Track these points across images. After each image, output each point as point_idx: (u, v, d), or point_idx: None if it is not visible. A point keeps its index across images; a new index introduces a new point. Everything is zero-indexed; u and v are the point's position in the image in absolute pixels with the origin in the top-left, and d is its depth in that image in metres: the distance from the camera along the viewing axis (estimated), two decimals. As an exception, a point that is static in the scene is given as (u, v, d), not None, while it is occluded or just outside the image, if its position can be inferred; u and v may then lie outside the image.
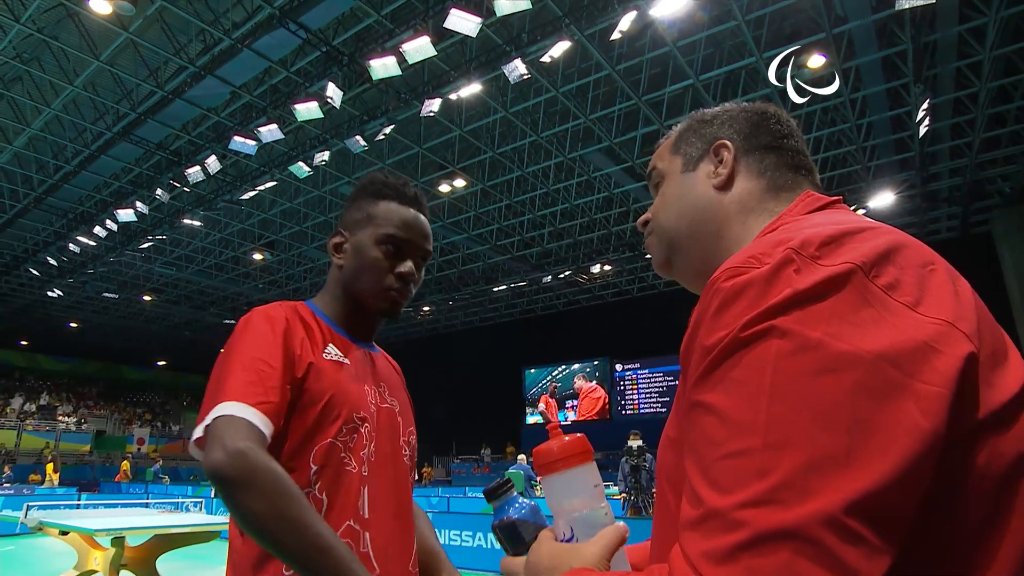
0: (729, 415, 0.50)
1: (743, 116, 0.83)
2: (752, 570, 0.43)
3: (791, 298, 0.51)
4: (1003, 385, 0.51)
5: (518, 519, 0.75)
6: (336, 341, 1.23)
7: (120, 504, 12.09)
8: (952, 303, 0.54)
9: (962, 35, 10.56)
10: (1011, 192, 15.38)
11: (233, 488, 0.92)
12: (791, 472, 0.45)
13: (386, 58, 9.75)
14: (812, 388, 0.47)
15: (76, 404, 32.93)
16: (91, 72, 11.69)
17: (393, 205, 1.29)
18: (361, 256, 1.25)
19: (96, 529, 4.97)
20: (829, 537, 0.43)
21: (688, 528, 0.49)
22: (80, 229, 17.33)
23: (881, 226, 0.60)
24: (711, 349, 0.53)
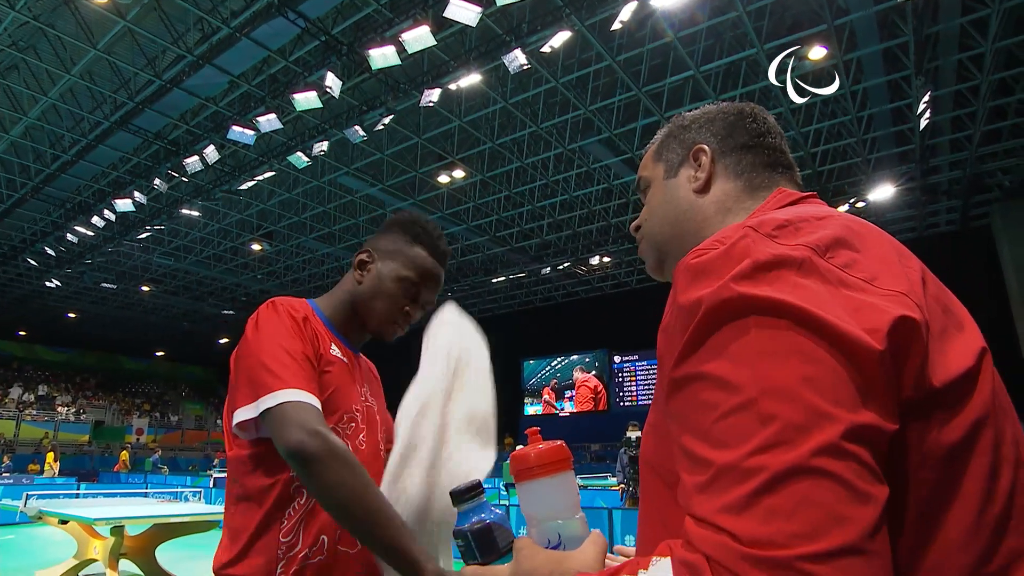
0: (721, 377, 0.52)
1: (720, 118, 0.86)
2: (773, 510, 0.45)
3: (752, 266, 0.55)
4: (956, 357, 0.55)
5: (495, 524, 0.72)
6: (335, 342, 1.36)
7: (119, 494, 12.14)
8: (904, 280, 0.58)
9: (964, 27, 10.51)
10: (1011, 186, 15.38)
11: (318, 464, 1.06)
12: (793, 413, 0.48)
13: (385, 48, 9.70)
14: (793, 342, 0.51)
15: (75, 394, 32.95)
16: (88, 61, 11.62)
17: (424, 254, 1.42)
18: (380, 284, 1.39)
19: (96, 518, 5.00)
20: (837, 465, 0.46)
21: (696, 494, 0.50)
22: (78, 219, 17.28)
23: (838, 215, 0.64)
24: (686, 322, 0.56)
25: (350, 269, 1.46)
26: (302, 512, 1.18)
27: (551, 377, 28.72)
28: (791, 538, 0.44)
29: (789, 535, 0.44)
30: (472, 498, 0.74)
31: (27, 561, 7.87)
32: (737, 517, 0.46)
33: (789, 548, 0.43)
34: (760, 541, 0.44)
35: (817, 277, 0.54)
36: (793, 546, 0.43)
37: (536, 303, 27.45)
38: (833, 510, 0.44)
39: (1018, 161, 14.19)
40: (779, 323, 0.51)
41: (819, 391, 0.48)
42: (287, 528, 1.17)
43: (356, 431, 1.29)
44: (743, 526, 0.45)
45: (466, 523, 0.72)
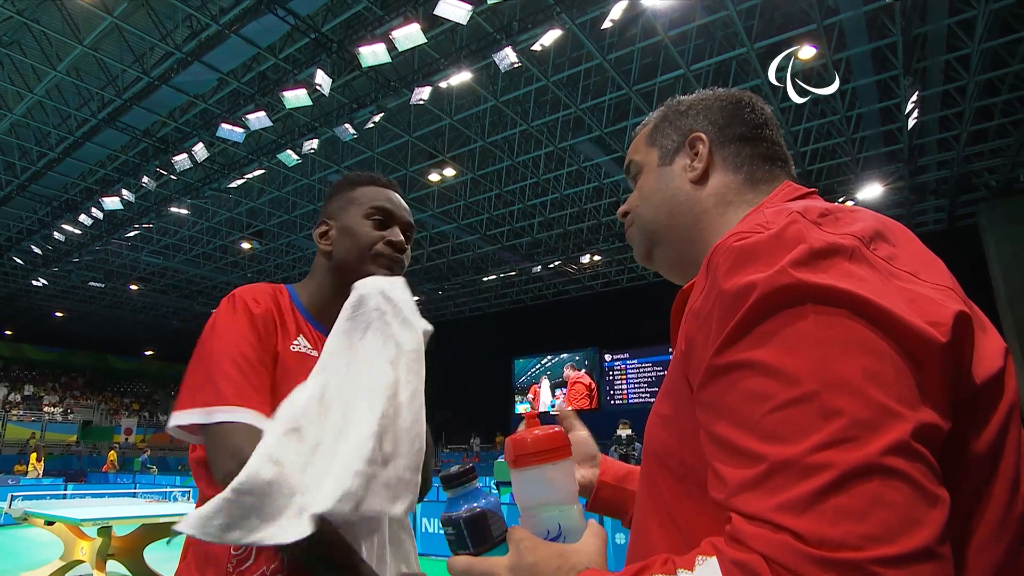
0: (776, 366, 0.49)
1: (718, 106, 0.83)
2: (842, 510, 0.43)
3: (809, 253, 0.52)
4: (989, 356, 0.54)
5: (489, 511, 0.66)
6: (306, 332, 1.25)
7: (107, 494, 12.05)
8: (945, 275, 0.57)
9: (951, 28, 10.60)
10: (997, 185, 15.52)
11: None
12: (859, 408, 0.46)
13: (375, 45, 9.66)
14: (854, 333, 0.49)
15: (62, 394, 32.66)
16: (75, 57, 11.50)
17: (372, 187, 1.35)
18: (350, 233, 1.29)
19: (82, 519, 4.94)
20: (908, 465, 0.44)
21: (744, 490, 0.47)
22: (65, 217, 17.12)
23: (864, 210, 0.63)
24: (735, 306, 0.53)
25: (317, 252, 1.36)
26: None
27: (541, 375, 28.74)
28: (863, 540, 0.42)
29: (861, 537, 0.42)
30: (464, 483, 0.68)
31: (12, 563, 7.80)
32: (801, 516, 0.44)
33: (862, 550, 0.41)
34: (829, 542, 0.42)
35: (868, 266, 0.53)
36: (866, 548, 0.41)
37: (527, 302, 27.46)
38: (906, 512, 0.43)
39: (1004, 160, 14.32)
40: (839, 312, 0.49)
41: (884, 386, 0.46)
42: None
43: None
44: (808, 526, 0.43)
45: (457, 510, 0.66)
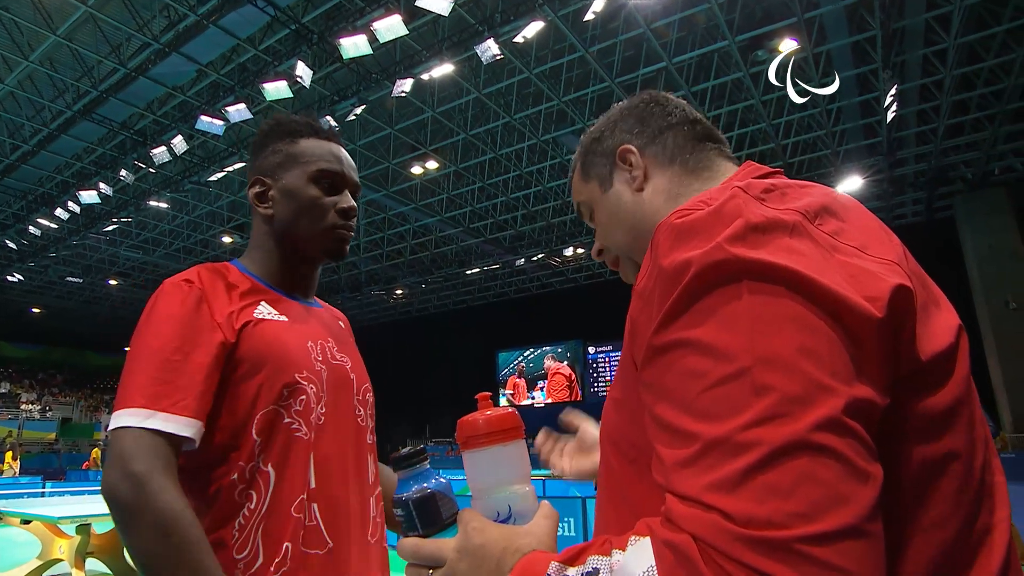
0: (711, 344, 0.48)
1: (626, 114, 0.84)
2: (771, 487, 0.42)
3: (745, 227, 0.51)
4: (938, 332, 0.53)
5: (438, 492, 0.65)
6: (269, 299, 1.13)
7: (87, 492, 11.88)
8: (892, 250, 0.56)
9: (929, 22, 10.73)
10: (973, 178, 15.77)
11: (122, 516, 0.87)
12: (790, 384, 0.45)
13: (356, 37, 9.58)
14: (789, 309, 0.48)
15: (40, 391, 32.17)
16: (48, 47, 11.28)
17: (314, 141, 1.20)
18: (295, 198, 1.16)
19: (60, 516, 4.87)
20: (838, 441, 0.43)
21: (679, 469, 0.47)
22: (41, 211, 16.82)
23: (817, 185, 0.61)
24: (672, 284, 0.52)
25: (253, 215, 1.22)
26: (255, 519, 0.98)
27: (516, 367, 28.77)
28: (790, 518, 0.41)
29: (788, 515, 0.41)
30: (414, 464, 0.67)
31: (-10, 562, 7.67)
32: (729, 495, 0.43)
33: (788, 528, 0.41)
34: (756, 521, 0.41)
35: (810, 241, 0.52)
36: (792, 526, 0.41)
37: (510, 294, 27.49)
38: (834, 489, 0.42)
39: (979, 154, 14.55)
40: (775, 289, 0.48)
41: (817, 362, 0.45)
42: (239, 543, 0.97)
43: (309, 404, 1.06)
44: (736, 505, 0.42)
45: (407, 491, 0.65)
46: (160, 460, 0.90)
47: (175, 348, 0.97)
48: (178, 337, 0.98)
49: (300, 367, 1.07)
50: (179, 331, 0.99)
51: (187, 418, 0.93)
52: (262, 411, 1.02)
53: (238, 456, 1.00)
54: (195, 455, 0.98)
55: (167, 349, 0.97)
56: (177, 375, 0.95)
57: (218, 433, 1.00)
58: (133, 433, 0.90)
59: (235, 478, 0.99)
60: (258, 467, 1.00)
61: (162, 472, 0.89)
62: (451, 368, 28.42)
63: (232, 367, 1.02)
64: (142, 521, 0.86)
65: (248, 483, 1.00)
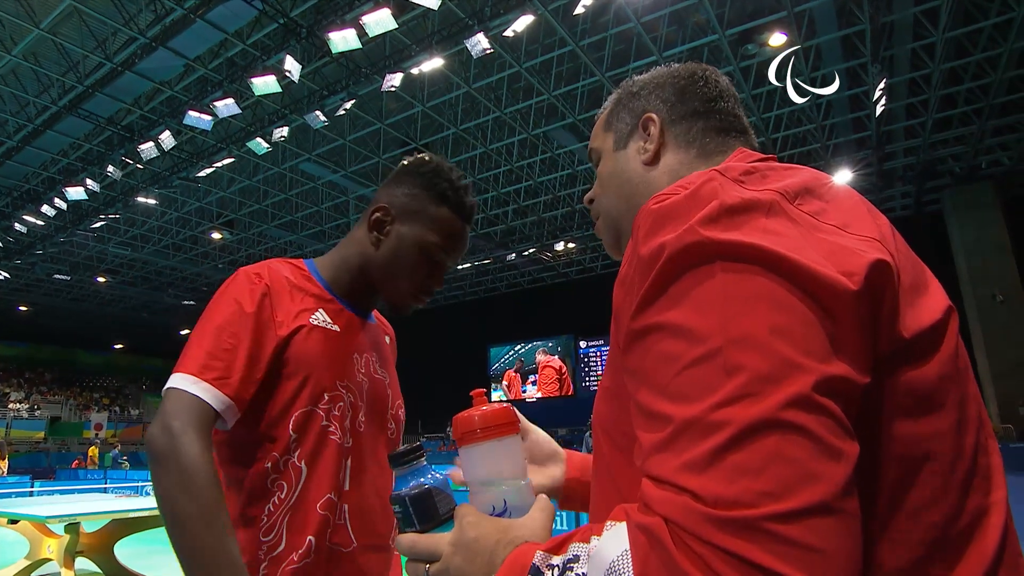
0: (683, 326, 0.48)
1: (670, 83, 0.81)
2: (740, 467, 0.42)
3: (720, 209, 0.51)
4: (925, 311, 0.53)
5: (435, 488, 0.66)
6: (327, 307, 1.17)
7: (76, 490, 11.83)
8: (875, 228, 0.55)
9: (917, 16, 10.78)
10: (961, 172, 15.90)
11: (153, 463, 0.94)
12: (761, 363, 0.45)
13: (346, 31, 9.52)
14: (763, 288, 0.47)
15: (28, 390, 31.92)
16: (31, 41, 11.14)
17: (452, 216, 1.23)
18: (402, 252, 1.19)
19: (48, 516, 4.83)
20: (807, 419, 0.43)
21: (654, 452, 0.47)
22: (27, 208, 16.65)
23: (805, 168, 0.61)
24: (648, 269, 0.52)
25: (359, 224, 1.25)
26: (283, 509, 1.05)
27: (515, 361, 28.83)
28: (758, 497, 0.41)
29: (756, 494, 0.41)
30: (411, 461, 0.68)
31: (-21, 562, 7.61)
32: (699, 475, 0.43)
33: (756, 507, 0.40)
34: (725, 501, 0.41)
35: (787, 220, 0.52)
36: (760, 505, 0.40)
37: (502, 289, 27.51)
38: (803, 467, 0.41)
39: (966, 148, 14.67)
40: (748, 268, 0.48)
41: (789, 340, 0.45)
42: (267, 526, 1.04)
43: (344, 411, 1.12)
44: (706, 485, 0.42)
45: (404, 487, 0.66)
46: (196, 421, 0.97)
47: (231, 333, 1.04)
48: (236, 324, 1.05)
49: (342, 375, 1.14)
50: (238, 319, 1.06)
51: (224, 395, 1.00)
52: (300, 410, 1.08)
53: (273, 447, 1.06)
54: (240, 434, 1.07)
55: (224, 332, 1.04)
56: (228, 356, 1.03)
57: (261, 421, 1.07)
58: (179, 394, 0.98)
59: (269, 466, 1.06)
60: (291, 460, 1.07)
61: (195, 431, 0.96)
62: (443, 363, 28.42)
63: (279, 364, 1.08)
64: (167, 469, 0.93)
65: (280, 473, 1.07)
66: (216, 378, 1.00)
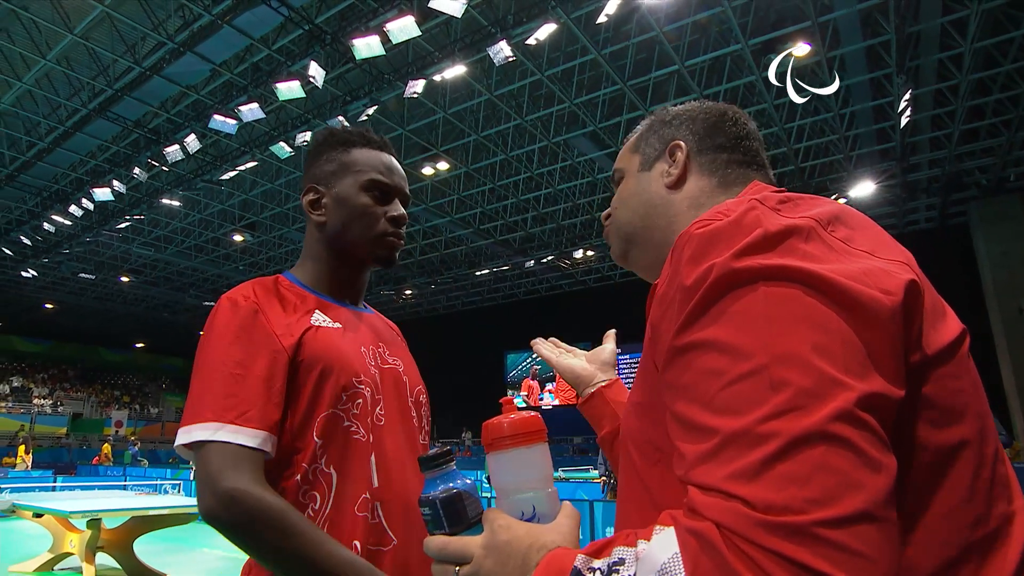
0: (729, 344, 0.51)
1: (702, 117, 0.86)
2: (788, 476, 0.44)
3: (764, 236, 0.55)
4: (944, 330, 0.57)
5: (464, 492, 0.67)
6: (321, 306, 1.16)
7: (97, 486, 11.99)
8: (901, 253, 0.60)
9: (944, 27, 10.63)
10: (988, 184, 15.63)
11: (234, 534, 0.90)
12: (805, 379, 0.47)
13: (369, 38, 9.61)
14: (805, 308, 0.51)
15: (52, 386, 32.48)
16: (65, 46, 11.38)
17: (366, 150, 1.24)
18: (348, 206, 1.20)
19: (71, 511, 4.92)
20: (851, 432, 0.45)
21: (700, 463, 0.49)
22: (55, 208, 16.97)
23: (828, 199, 0.65)
24: (693, 289, 0.55)
25: (307, 223, 1.26)
26: (320, 519, 1.01)
27: (530, 368, 28.78)
28: (807, 503, 0.43)
29: (805, 500, 0.43)
30: (441, 464, 0.69)
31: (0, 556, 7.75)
32: (749, 483, 0.45)
33: (805, 514, 0.43)
34: (775, 507, 0.44)
35: (823, 245, 0.55)
36: (809, 511, 0.43)
37: (520, 296, 27.49)
38: (848, 476, 0.44)
39: (995, 160, 14.41)
40: (790, 288, 0.51)
41: (830, 357, 0.48)
42: None
43: (366, 407, 1.09)
44: (756, 492, 0.45)
45: (433, 491, 0.67)
46: (244, 469, 0.93)
47: (236, 362, 1.00)
48: (238, 351, 1.01)
49: (356, 371, 1.11)
50: (238, 345, 1.02)
51: (253, 429, 0.96)
52: (322, 414, 1.05)
53: (301, 458, 1.03)
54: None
55: (228, 363, 1.00)
56: (240, 388, 0.98)
57: (282, 436, 1.03)
58: (210, 450, 0.93)
59: (298, 479, 1.02)
60: (320, 468, 1.04)
61: (249, 480, 0.92)
62: (460, 369, 28.45)
63: (293, 373, 1.05)
64: (255, 532, 0.89)
65: (311, 484, 1.03)
66: (237, 416, 0.96)
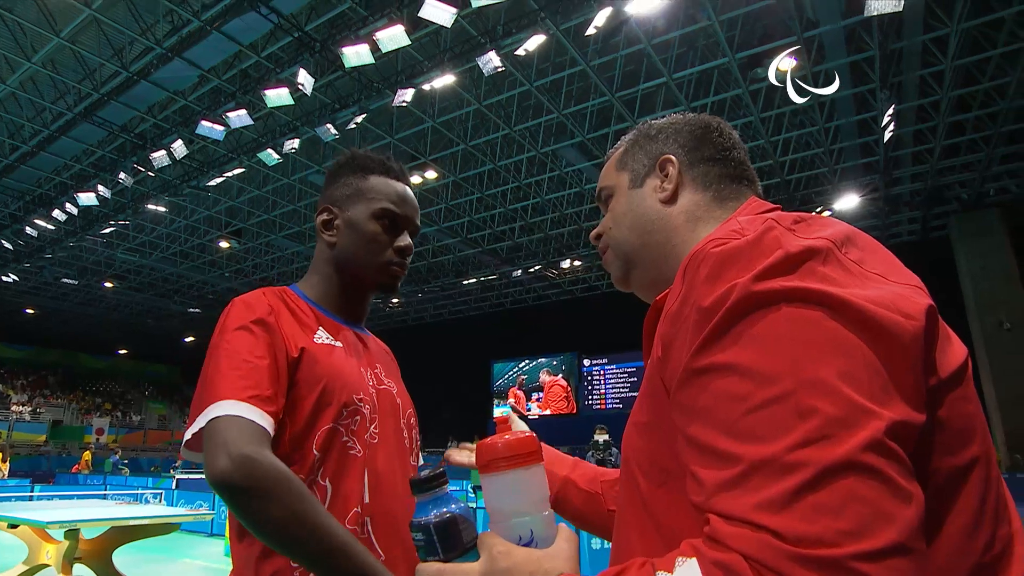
0: (752, 368, 0.50)
1: (687, 129, 0.85)
2: (819, 507, 0.43)
3: (786, 258, 0.54)
4: (952, 354, 0.56)
5: (459, 516, 0.64)
6: (325, 324, 1.19)
7: (76, 496, 11.79)
8: (913, 277, 0.59)
9: (926, 44, 10.83)
10: (968, 199, 15.88)
11: (245, 497, 0.89)
12: (833, 407, 0.46)
13: (359, 46, 9.62)
14: (829, 332, 0.49)
15: (32, 393, 31.97)
16: (50, 49, 11.30)
17: (383, 179, 1.27)
18: (357, 232, 1.23)
19: (48, 521, 4.82)
20: (881, 462, 0.44)
21: (722, 491, 0.48)
22: (38, 212, 16.79)
23: (834, 219, 0.64)
24: (712, 311, 0.54)
25: (318, 239, 1.30)
26: None
27: (517, 378, 28.74)
28: (840, 536, 0.42)
29: (838, 533, 0.42)
30: (434, 488, 0.66)
31: (-24, 565, 7.59)
32: (779, 514, 0.44)
33: (839, 547, 0.42)
34: (807, 539, 0.42)
35: (840, 267, 0.54)
36: (843, 544, 0.42)
37: (507, 305, 27.47)
38: (880, 507, 0.43)
39: (974, 175, 14.66)
40: (812, 312, 0.50)
41: (857, 385, 0.47)
42: None
43: (363, 424, 1.12)
44: (787, 524, 0.43)
45: (426, 515, 0.64)
46: (258, 438, 0.94)
47: (249, 351, 1.03)
48: (251, 343, 1.04)
49: (356, 389, 1.14)
50: (252, 338, 1.05)
51: (265, 412, 0.98)
52: (323, 428, 1.07)
53: (299, 470, 1.04)
54: None
55: (242, 352, 1.03)
56: (254, 374, 1.01)
57: (281, 446, 1.04)
58: (230, 420, 0.94)
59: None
60: (316, 480, 1.06)
61: (264, 446, 0.94)
62: (446, 378, 28.36)
63: (292, 385, 1.07)
64: (268, 493, 0.89)
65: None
66: (253, 396, 0.98)
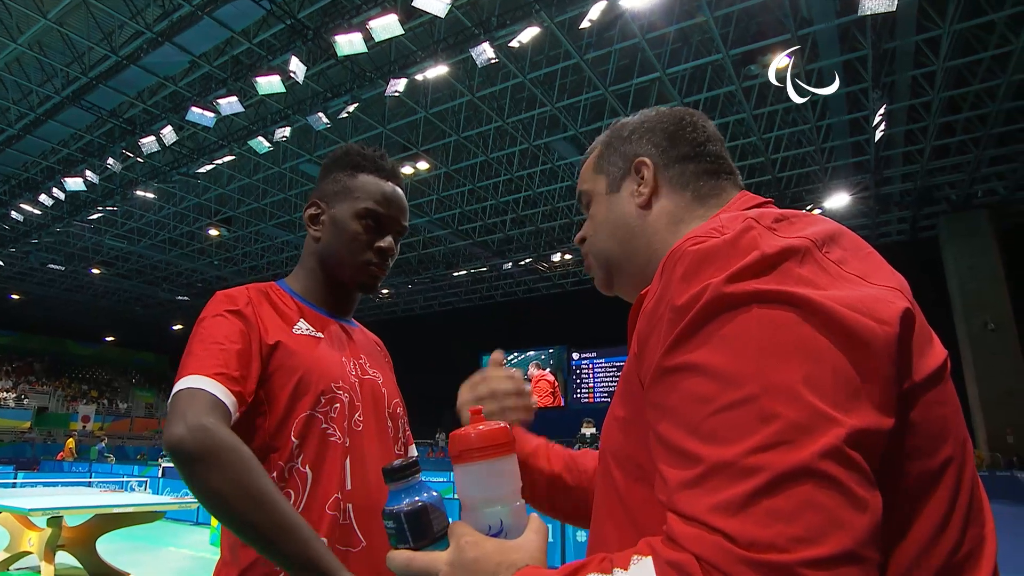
0: (719, 370, 0.49)
1: (660, 128, 0.83)
2: (773, 512, 0.43)
3: (761, 259, 0.53)
4: (931, 356, 0.55)
5: (430, 505, 0.65)
6: (307, 316, 1.21)
7: (61, 483, 11.73)
8: (894, 278, 0.58)
9: (919, 45, 10.89)
10: (957, 199, 16.01)
11: (194, 464, 0.90)
12: (795, 413, 0.46)
13: (352, 35, 9.56)
14: (798, 336, 0.49)
15: (17, 379, 31.70)
16: (38, 31, 11.15)
17: (372, 178, 1.27)
18: (339, 229, 1.24)
19: (30, 508, 4.79)
20: (839, 470, 0.44)
21: (683, 490, 0.48)
22: (24, 196, 16.61)
23: (821, 216, 0.64)
24: (684, 310, 0.53)
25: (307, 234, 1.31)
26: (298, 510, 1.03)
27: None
28: (791, 542, 0.42)
29: (789, 539, 0.42)
30: (407, 476, 0.67)
31: (-42, 551, 7.54)
32: (733, 517, 0.44)
33: (789, 552, 0.42)
34: (759, 544, 0.42)
35: (818, 268, 0.54)
36: (793, 550, 0.42)
37: (497, 298, 27.50)
38: (833, 515, 0.43)
39: (963, 176, 14.78)
40: (785, 315, 0.50)
41: (821, 391, 0.47)
42: None
43: (343, 412, 1.13)
44: (740, 527, 0.43)
45: (398, 504, 0.65)
46: (218, 412, 0.96)
47: (223, 336, 1.06)
48: (225, 330, 1.07)
49: (335, 377, 1.15)
50: (227, 325, 1.08)
51: (228, 389, 1.00)
52: (300, 416, 1.09)
53: (278, 456, 1.07)
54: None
55: (216, 336, 1.06)
56: (223, 355, 1.03)
57: (258, 434, 1.07)
58: (191, 392, 0.97)
59: (274, 475, 1.06)
60: (296, 467, 1.08)
61: (223, 420, 0.96)
62: (435, 369, 28.35)
63: (269, 373, 1.09)
64: (216, 461, 0.90)
65: (286, 482, 1.07)
66: (218, 373, 1.00)
